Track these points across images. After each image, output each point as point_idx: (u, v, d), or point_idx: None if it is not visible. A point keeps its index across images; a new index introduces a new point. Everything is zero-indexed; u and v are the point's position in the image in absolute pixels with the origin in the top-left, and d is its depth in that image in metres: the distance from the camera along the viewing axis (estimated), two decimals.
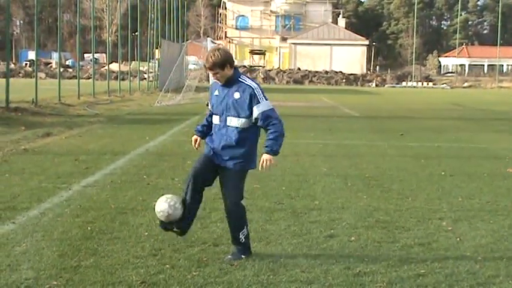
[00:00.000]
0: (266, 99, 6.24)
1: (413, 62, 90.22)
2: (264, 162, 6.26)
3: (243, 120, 6.23)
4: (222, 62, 6.18)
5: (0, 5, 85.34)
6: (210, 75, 6.45)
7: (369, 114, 28.30)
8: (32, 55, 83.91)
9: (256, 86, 6.28)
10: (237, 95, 6.22)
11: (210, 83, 6.32)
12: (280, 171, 11.68)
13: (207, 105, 6.64)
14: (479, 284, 5.74)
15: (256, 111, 6.20)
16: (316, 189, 10.02)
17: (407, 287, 5.62)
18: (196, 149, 6.65)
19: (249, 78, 6.40)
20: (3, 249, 6.43)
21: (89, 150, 13.93)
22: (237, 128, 6.25)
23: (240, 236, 6.32)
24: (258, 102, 6.19)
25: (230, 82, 6.27)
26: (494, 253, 6.69)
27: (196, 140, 6.60)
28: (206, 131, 6.54)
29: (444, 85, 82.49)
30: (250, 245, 6.43)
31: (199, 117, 22.35)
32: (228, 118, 6.25)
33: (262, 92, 6.26)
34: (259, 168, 6.28)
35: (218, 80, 6.29)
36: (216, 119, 6.37)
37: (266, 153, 6.28)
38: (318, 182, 10.65)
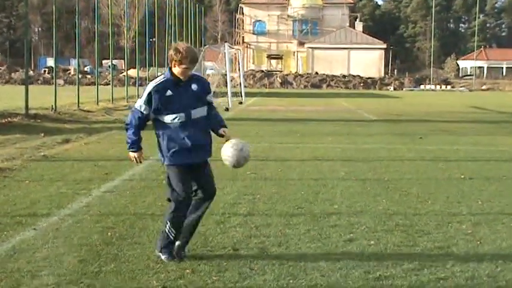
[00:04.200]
0: None
1: (431, 65, 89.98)
2: (227, 132, 6.51)
3: (205, 108, 6.49)
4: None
5: (18, 13, 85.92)
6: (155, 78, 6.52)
7: (388, 118, 28.22)
8: (50, 62, 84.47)
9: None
10: (194, 87, 6.43)
11: (151, 86, 6.35)
12: (298, 175, 11.69)
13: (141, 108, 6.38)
14: None
15: (209, 97, 6.61)
16: (335, 193, 10.00)
17: None
18: (141, 162, 6.60)
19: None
20: (24, 255, 6.48)
21: (108, 156, 14.00)
22: (202, 117, 6.45)
23: None
24: (210, 91, 6.66)
25: (188, 77, 6.41)
26: None
27: (139, 157, 6.50)
28: (140, 143, 6.52)
29: (462, 88, 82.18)
30: None
31: None
32: (193, 112, 6.36)
33: None
34: (225, 138, 6.48)
35: (185, 75, 6.34)
36: (171, 118, 6.32)
37: (225, 127, 6.56)
38: (337, 186, 10.63)
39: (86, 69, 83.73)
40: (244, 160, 6.38)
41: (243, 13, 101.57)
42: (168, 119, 6.33)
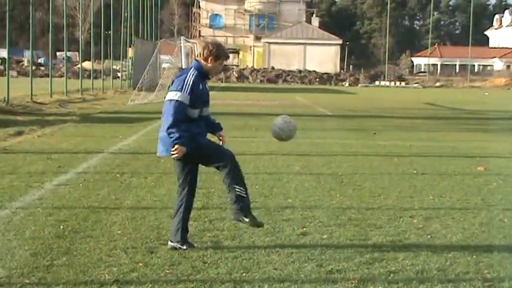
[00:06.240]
0: None
1: (386, 62, 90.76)
2: (224, 139, 7.00)
3: (208, 108, 6.70)
4: None
5: None
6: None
7: (342, 113, 28.43)
8: (3, 53, 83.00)
9: None
10: (207, 86, 6.65)
11: (192, 79, 6.35)
12: (253, 169, 11.71)
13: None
14: (449, 281, 5.81)
15: None
16: (290, 187, 10.06)
17: (378, 284, 5.67)
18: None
19: None
20: None
21: (62, 149, 13.86)
22: (206, 116, 6.68)
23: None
24: None
25: None
26: (465, 250, 6.77)
27: (184, 152, 6.34)
28: None
29: (416, 84, 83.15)
30: None
31: None
32: (204, 109, 6.57)
33: None
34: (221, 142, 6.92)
35: (218, 71, 6.77)
36: (195, 113, 6.46)
37: (221, 129, 6.96)
38: (291, 180, 10.69)
39: (40, 61, 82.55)
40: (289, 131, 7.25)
41: (199, 7, 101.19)
42: (194, 113, 6.43)
